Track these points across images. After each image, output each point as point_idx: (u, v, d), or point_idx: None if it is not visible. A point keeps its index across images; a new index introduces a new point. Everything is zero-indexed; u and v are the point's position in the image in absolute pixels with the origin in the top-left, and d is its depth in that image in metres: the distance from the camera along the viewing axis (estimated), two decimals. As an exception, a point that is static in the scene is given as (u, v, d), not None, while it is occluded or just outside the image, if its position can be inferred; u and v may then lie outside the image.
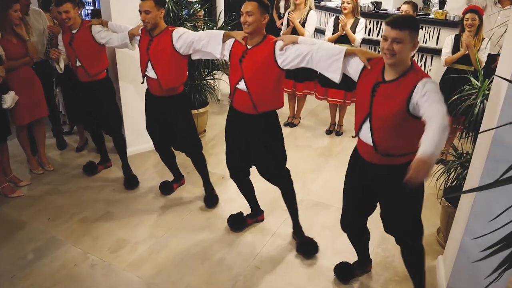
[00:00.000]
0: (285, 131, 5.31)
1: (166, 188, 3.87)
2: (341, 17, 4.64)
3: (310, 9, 4.92)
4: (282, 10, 6.32)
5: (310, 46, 2.57)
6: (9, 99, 3.49)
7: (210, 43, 2.97)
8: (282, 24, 5.28)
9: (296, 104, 5.47)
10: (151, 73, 3.26)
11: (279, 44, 2.65)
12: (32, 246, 3.16)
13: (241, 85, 2.77)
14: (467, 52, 4.09)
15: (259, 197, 3.42)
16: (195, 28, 5.04)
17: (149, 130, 3.62)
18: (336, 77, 2.50)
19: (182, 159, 3.87)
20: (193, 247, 3.18)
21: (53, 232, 3.33)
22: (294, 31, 4.93)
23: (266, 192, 3.49)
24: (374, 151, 2.21)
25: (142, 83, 3.42)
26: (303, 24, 4.87)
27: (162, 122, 3.46)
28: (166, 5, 4.52)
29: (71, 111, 4.70)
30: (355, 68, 2.37)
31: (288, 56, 2.62)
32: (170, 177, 3.94)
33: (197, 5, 5.16)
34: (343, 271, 2.86)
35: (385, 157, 2.22)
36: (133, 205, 3.70)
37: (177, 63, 3.23)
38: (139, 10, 3.12)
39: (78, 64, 3.67)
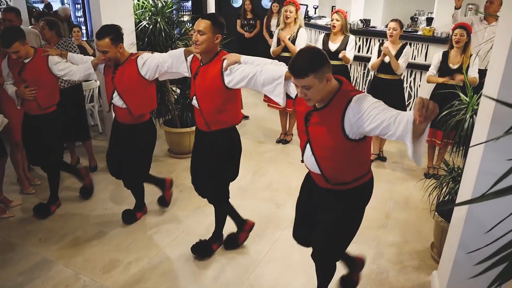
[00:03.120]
0: (278, 148, 5.34)
1: (128, 217, 3.70)
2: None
3: (300, 26, 4.99)
4: (273, 29, 6.40)
5: (254, 68, 2.55)
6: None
7: (174, 63, 2.95)
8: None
9: (288, 121, 5.51)
10: (118, 102, 3.22)
11: (224, 64, 2.64)
12: (23, 268, 3.11)
13: (194, 102, 2.80)
14: (455, 67, 4.16)
15: (252, 217, 3.41)
16: (186, 47, 5.08)
17: (109, 158, 3.55)
18: (280, 101, 2.48)
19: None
20: (187, 266, 3.15)
21: (45, 253, 3.28)
22: (286, 49, 4.99)
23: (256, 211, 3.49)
24: (325, 180, 2.17)
25: (108, 111, 3.40)
26: (293, 42, 4.94)
27: (124, 148, 3.39)
28: (158, 25, 4.57)
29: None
30: (293, 92, 2.36)
31: (234, 77, 2.60)
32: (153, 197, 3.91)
33: (188, 24, 5.21)
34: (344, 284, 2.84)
35: (336, 185, 2.17)
36: (124, 225, 3.66)
37: (145, 89, 3.20)
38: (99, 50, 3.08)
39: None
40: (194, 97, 2.77)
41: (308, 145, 2.15)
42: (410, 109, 5.97)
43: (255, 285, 2.97)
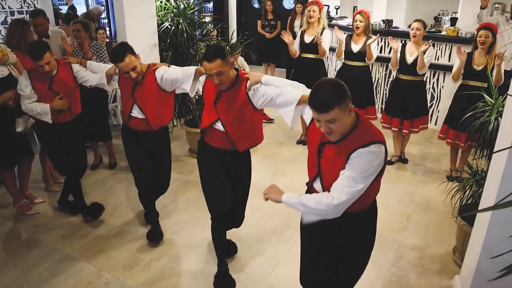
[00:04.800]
0: (298, 149, 5.34)
1: (155, 236, 3.49)
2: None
3: (324, 27, 4.96)
4: (297, 29, 6.39)
5: (274, 90, 2.48)
6: (23, 122, 3.56)
7: (184, 80, 2.90)
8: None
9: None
10: (138, 114, 3.16)
11: (250, 83, 2.55)
12: (47, 264, 3.19)
13: (218, 126, 2.69)
14: (480, 68, 4.08)
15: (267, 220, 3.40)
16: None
17: (138, 166, 3.35)
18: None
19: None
20: (206, 266, 3.17)
21: (68, 249, 3.36)
22: (307, 50, 4.97)
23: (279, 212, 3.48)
24: None
25: (127, 121, 3.26)
26: (317, 44, 4.89)
27: (150, 155, 3.33)
28: (180, 26, 4.63)
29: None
30: (307, 117, 2.25)
31: (259, 98, 2.55)
32: (181, 196, 3.94)
33: (210, 25, 5.25)
34: None
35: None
36: (146, 224, 3.71)
37: (164, 101, 3.17)
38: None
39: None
40: (219, 122, 2.66)
41: (318, 178, 2.03)
42: (432, 111, 5.91)
43: (274, 285, 2.97)
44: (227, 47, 5.25)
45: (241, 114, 2.62)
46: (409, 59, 4.47)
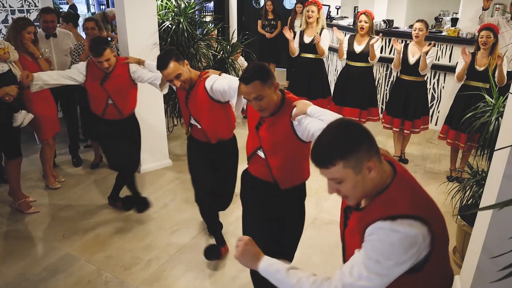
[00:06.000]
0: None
1: (213, 253, 3.21)
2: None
3: (323, 27, 4.96)
4: (297, 29, 6.39)
5: (317, 125, 2.06)
6: (20, 118, 3.55)
7: (230, 94, 2.67)
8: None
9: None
10: (198, 124, 2.97)
11: (295, 112, 2.17)
12: (47, 262, 3.18)
13: (260, 154, 2.35)
14: (482, 69, 4.08)
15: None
16: (208, 48, 5.12)
17: (200, 177, 3.12)
18: None
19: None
20: (206, 265, 3.17)
21: (68, 248, 3.35)
22: (306, 50, 4.97)
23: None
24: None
25: (187, 133, 3.14)
26: (316, 44, 4.89)
27: (212, 165, 3.12)
28: (181, 25, 4.63)
29: (87, 126, 4.80)
30: None
31: (304, 130, 2.17)
32: (181, 195, 3.95)
33: (210, 24, 5.25)
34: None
35: None
36: (146, 223, 3.72)
37: (221, 112, 2.91)
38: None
39: (110, 102, 3.48)
40: (261, 151, 2.32)
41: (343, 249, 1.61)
42: (432, 112, 5.91)
43: (274, 285, 2.97)
44: (229, 47, 5.25)
45: (285, 145, 2.25)
46: (411, 59, 4.47)
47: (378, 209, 1.31)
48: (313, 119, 2.10)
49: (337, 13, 7.88)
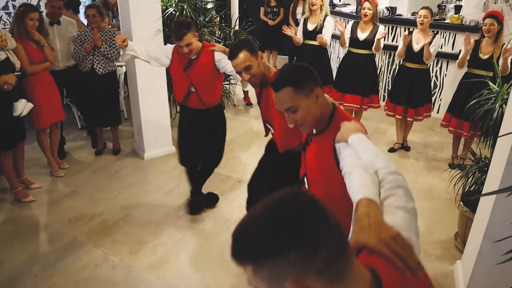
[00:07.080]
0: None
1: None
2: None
3: (327, 15, 4.94)
4: (299, 17, 6.37)
5: (351, 162, 1.49)
6: (20, 107, 3.56)
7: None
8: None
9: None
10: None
11: (337, 137, 1.63)
12: (55, 247, 3.23)
13: (305, 181, 1.91)
14: (486, 57, 4.07)
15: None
16: (211, 34, 5.12)
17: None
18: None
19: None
20: (212, 250, 3.22)
21: (74, 233, 3.40)
22: (309, 37, 4.96)
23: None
24: None
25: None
26: (320, 30, 4.88)
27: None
28: (184, 11, 4.62)
29: (88, 115, 4.83)
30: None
31: (341, 159, 1.60)
32: (185, 181, 3.96)
33: (213, 11, 5.24)
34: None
35: None
36: (151, 208, 3.76)
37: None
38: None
39: (193, 90, 3.30)
40: (305, 179, 1.88)
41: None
42: (435, 99, 5.91)
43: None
44: (231, 33, 5.23)
45: (328, 174, 1.73)
46: (416, 47, 4.45)
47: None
48: (352, 152, 1.56)
49: (340, 0, 7.83)
